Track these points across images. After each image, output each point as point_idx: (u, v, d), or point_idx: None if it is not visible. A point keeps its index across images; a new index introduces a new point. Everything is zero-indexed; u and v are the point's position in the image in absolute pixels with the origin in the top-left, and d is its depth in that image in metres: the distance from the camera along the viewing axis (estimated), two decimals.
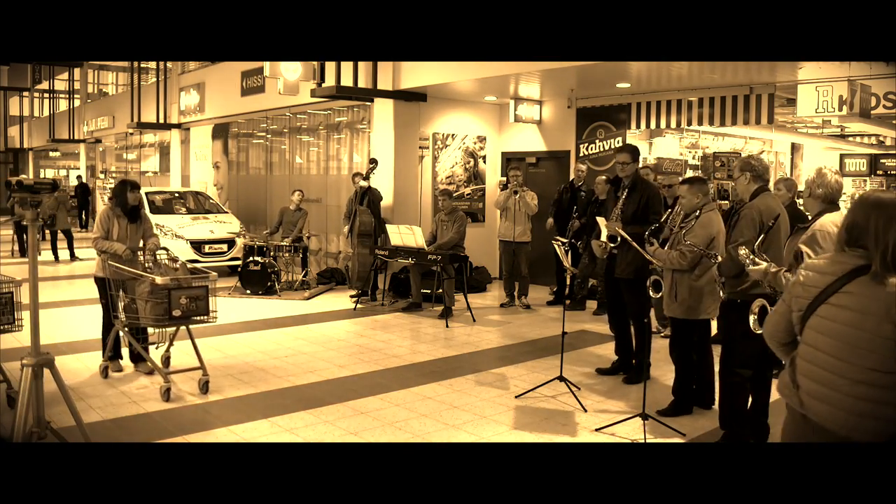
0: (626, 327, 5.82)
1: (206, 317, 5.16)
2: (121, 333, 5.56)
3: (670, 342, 5.03)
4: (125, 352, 5.88)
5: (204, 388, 5.25)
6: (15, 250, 13.72)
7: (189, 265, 5.65)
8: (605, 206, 5.97)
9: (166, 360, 5.78)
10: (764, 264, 3.52)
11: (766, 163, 4.49)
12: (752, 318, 3.55)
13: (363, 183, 9.00)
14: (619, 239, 5.35)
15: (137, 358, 5.77)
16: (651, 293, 4.75)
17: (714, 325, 6.92)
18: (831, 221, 3.37)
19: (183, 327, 5.33)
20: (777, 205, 4.17)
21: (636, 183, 5.61)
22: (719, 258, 4.28)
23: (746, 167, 4.20)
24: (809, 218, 3.65)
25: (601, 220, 5.61)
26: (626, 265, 5.43)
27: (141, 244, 5.73)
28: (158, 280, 5.00)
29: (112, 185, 21.51)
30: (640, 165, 6.02)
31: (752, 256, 3.56)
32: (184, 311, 5.02)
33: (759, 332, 3.58)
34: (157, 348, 5.59)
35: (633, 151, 5.67)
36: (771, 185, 4.88)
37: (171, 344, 5.69)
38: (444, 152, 10.61)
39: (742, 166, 4.22)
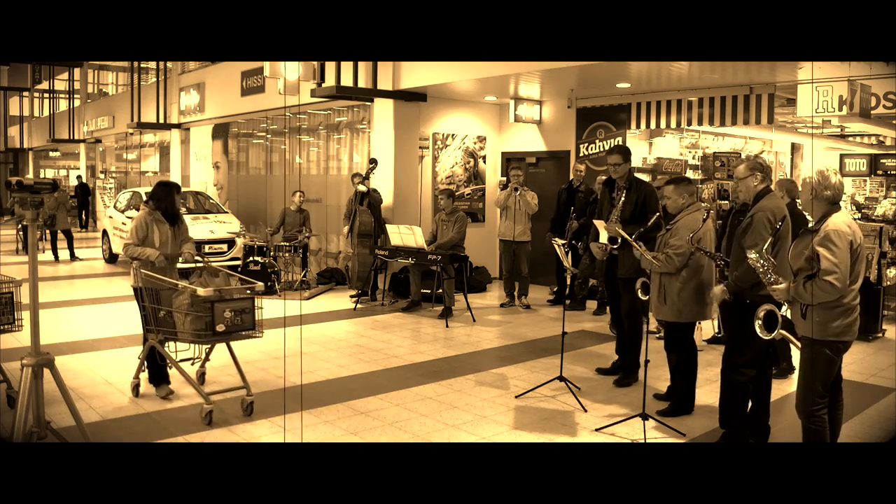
0: None
1: (252, 331, 4.63)
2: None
3: (668, 343, 5.04)
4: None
5: (248, 409, 4.79)
6: (20, 248, 13.84)
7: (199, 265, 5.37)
8: (600, 207, 5.93)
9: (201, 376, 5.36)
10: (784, 283, 3.56)
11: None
12: (757, 324, 3.54)
13: (361, 187, 8.98)
14: (619, 240, 5.34)
15: (159, 379, 5.19)
16: (640, 295, 4.78)
17: (709, 324, 6.99)
18: (842, 221, 3.42)
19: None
20: (784, 206, 4.18)
21: (632, 183, 5.60)
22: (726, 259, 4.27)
23: (757, 167, 4.18)
24: (810, 220, 3.64)
25: (599, 223, 5.60)
26: (629, 265, 5.40)
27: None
28: (200, 291, 4.45)
29: (112, 186, 21.34)
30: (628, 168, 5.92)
31: (761, 261, 3.56)
32: (228, 326, 4.49)
33: (768, 337, 3.58)
34: (192, 364, 5.12)
35: (624, 152, 5.66)
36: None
37: (206, 359, 5.28)
38: (444, 152, 10.60)
39: (752, 166, 4.20)
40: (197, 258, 5.17)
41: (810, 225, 3.61)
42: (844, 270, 3.34)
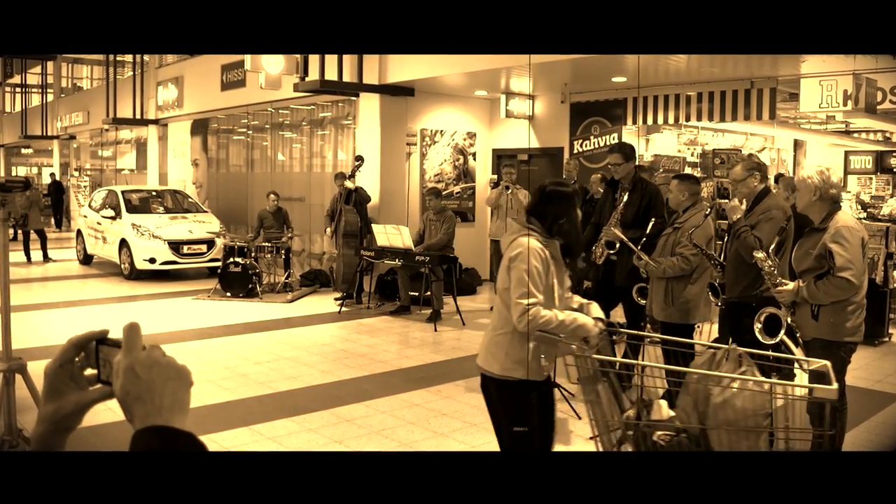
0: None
1: None
2: None
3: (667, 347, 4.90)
4: None
5: None
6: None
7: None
8: (601, 207, 5.61)
9: None
10: (791, 284, 3.55)
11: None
12: (757, 327, 3.47)
13: (348, 184, 8.82)
14: (617, 245, 5.10)
15: None
16: (637, 299, 4.72)
17: (707, 328, 6.85)
18: (850, 217, 3.54)
19: None
20: (787, 206, 4.22)
21: (636, 183, 5.29)
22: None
23: (755, 167, 4.20)
24: (814, 220, 3.60)
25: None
26: (628, 273, 5.11)
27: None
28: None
29: (86, 184, 21.00)
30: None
31: (768, 261, 3.53)
32: None
33: (770, 342, 3.47)
34: None
35: (626, 151, 5.37)
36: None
37: None
38: (432, 149, 10.42)
39: (751, 167, 4.21)
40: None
41: (816, 224, 3.58)
42: (859, 266, 3.36)
